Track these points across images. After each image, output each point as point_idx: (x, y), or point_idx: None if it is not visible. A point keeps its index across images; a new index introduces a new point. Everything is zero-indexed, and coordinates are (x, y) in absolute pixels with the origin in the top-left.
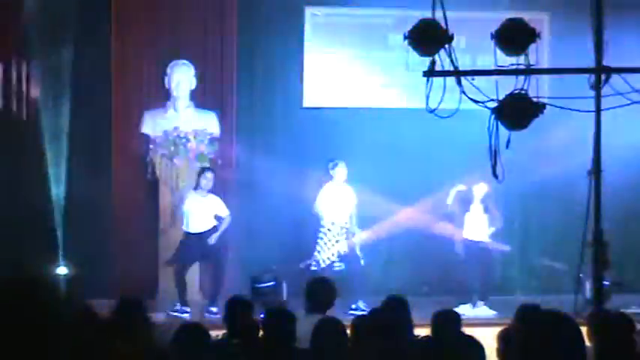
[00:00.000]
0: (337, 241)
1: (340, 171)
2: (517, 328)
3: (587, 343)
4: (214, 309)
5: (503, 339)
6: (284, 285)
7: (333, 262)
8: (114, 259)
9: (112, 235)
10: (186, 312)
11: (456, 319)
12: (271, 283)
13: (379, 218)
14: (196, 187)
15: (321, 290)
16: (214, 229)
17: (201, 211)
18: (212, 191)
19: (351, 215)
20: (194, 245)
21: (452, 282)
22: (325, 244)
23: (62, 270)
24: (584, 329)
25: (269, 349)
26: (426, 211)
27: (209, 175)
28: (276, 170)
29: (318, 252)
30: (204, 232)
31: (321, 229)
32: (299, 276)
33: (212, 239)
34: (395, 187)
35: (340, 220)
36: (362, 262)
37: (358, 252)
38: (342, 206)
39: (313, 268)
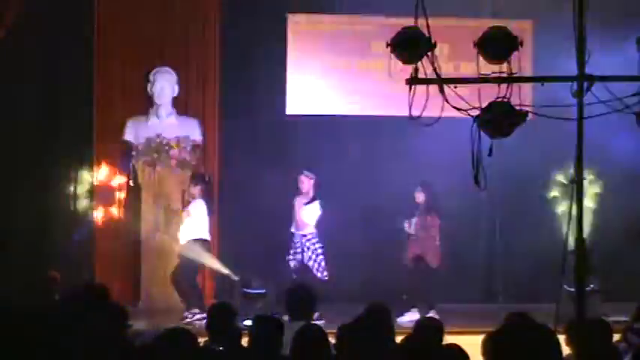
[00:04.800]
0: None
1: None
2: (504, 334)
3: (567, 351)
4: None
5: (489, 342)
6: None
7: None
8: (96, 266)
9: (94, 242)
10: None
11: (438, 327)
12: (262, 290)
13: (359, 226)
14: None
15: (302, 297)
16: None
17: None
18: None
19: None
20: None
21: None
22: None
23: (54, 275)
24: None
25: (254, 356)
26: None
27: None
28: (260, 178)
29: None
30: None
31: (317, 241)
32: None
33: None
34: (376, 194)
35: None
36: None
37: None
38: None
39: (325, 278)
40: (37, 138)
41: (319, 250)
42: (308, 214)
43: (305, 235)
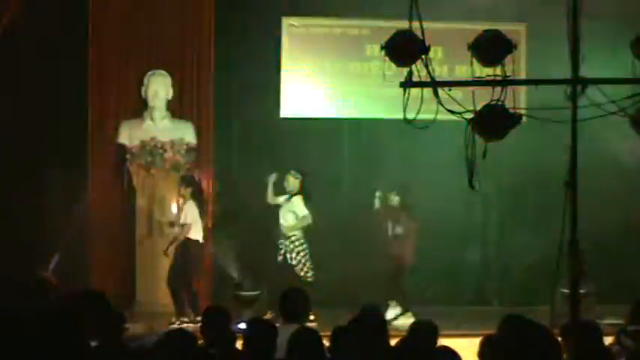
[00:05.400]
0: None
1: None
2: (502, 337)
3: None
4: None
5: (487, 344)
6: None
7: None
8: (90, 269)
9: (88, 246)
10: None
11: (433, 330)
12: (256, 292)
13: (354, 228)
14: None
15: (295, 300)
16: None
17: None
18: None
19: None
20: None
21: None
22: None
23: (48, 277)
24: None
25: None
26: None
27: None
28: (254, 180)
29: (306, 264)
30: None
31: (303, 241)
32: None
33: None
34: (371, 196)
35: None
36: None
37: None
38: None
39: (310, 280)
40: (32, 140)
41: (303, 252)
42: (291, 212)
43: (289, 237)
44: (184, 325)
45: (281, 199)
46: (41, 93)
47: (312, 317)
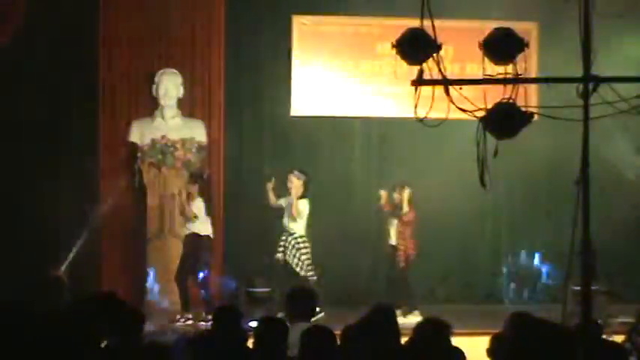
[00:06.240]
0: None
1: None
2: (508, 335)
3: None
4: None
5: (497, 342)
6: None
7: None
8: (101, 267)
9: (99, 244)
10: None
11: (443, 328)
12: (267, 290)
13: (363, 228)
14: None
15: (300, 299)
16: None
17: None
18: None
19: None
20: None
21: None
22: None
23: (60, 275)
24: None
25: (260, 358)
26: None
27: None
28: (264, 179)
29: (305, 262)
30: None
31: (304, 241)
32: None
33: None
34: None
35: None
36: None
37: None
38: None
39: (314, 279)
40: (43, 140)
41: (304, 250)
42: (297, 213)
43: (293, 235)
44: (189, 322)
45: (282, 201)
46: (52, 92)
47: (322, 314)
